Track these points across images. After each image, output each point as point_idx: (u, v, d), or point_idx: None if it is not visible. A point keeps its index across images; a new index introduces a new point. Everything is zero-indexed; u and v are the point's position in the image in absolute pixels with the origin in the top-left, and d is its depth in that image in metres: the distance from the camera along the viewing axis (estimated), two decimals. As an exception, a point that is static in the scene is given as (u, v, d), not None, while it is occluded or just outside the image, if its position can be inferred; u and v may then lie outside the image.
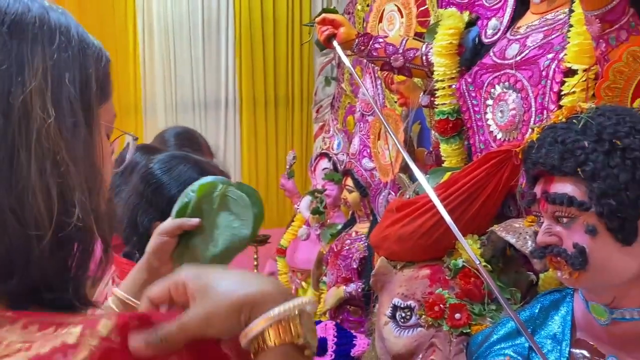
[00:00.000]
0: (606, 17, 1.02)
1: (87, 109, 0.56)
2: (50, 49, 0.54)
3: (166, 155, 1.28)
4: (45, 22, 0.56)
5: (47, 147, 0.50)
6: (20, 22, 0.54)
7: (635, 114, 0.88)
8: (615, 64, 1.00)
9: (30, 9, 0.55)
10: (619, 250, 0.85)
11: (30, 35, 0.54)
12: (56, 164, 0.51)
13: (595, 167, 0.84)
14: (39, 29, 0.55)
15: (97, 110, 0.58)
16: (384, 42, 1.72)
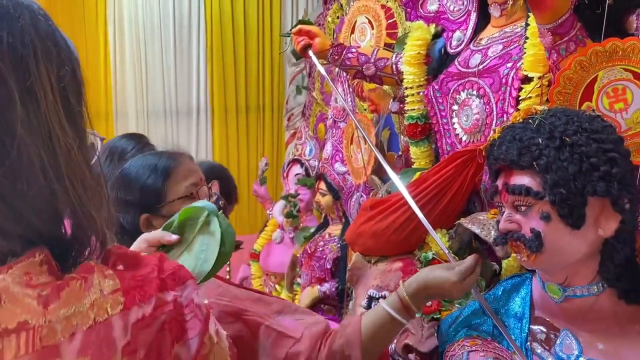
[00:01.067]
0: (557, 31, 1.15)
1: (84, 124, 0.61)
2: (52, 66, 0.57)
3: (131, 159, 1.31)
4: (39, 33, 0.57)
5: (69, 162, 0.57)
6: (21, 35, 0.55)
7: (582, 114, 1.00)
8: (565, 72, 1.13)
9: (23, 16, 0.56)
10: (570, 234, 0.96)
11: (32, 48, 0.55)
12: (75, 177, 0.57)
13: (548, 161, 0.96)
14: (37, 40, 0.56)
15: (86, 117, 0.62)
16: (357, 52, 1.83)
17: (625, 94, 1.11)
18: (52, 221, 0.57)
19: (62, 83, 0.57)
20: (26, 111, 0.53)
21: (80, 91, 0.61)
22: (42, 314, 0.50)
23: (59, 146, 0.55)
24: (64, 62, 0.58)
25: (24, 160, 0.53)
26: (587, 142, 0.95)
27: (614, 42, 1.09)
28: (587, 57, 1.11)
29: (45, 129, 0.54)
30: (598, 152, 0.94)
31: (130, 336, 0.53)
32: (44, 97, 0.54)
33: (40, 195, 0.55)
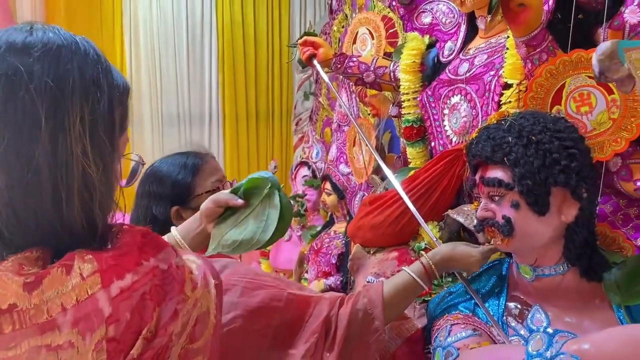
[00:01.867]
0: (530, 43, 1.30)
1: (112, 149, 0.68)
2: (87, 103, 0.63)
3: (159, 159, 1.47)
4: (83, 77, 0.64)
5: (85, 184, 0.63)
6: (64, 79, 0.61)
7: (547, 116, 1.15)
8: (537, 79, 1.28)
9: (72, 62, 0.63)
10: (536, 220, 1.11)
11: (71, 90, 0.62)
12: (90, 196, 0.64)
13: (517, 157, 1.10)
14: (79, 83, 0.63)
15: (118, 143, 0.69)
16: (358, 60, 1.99)
17: (590, 98, 1.25)
18: (55, 234, 0.63)
19: (93, 117, 0.63)
20: (51, 139, 0.60)
21: (114, 120, 0.67)
22: (28, 299, 0.57)
23: (77, 170, 0.62)
24: (101, 101, 0.64)
25: (39, 180, 0.60)
26: (550, 140, 1.10)
27: (579, 53, 1.24)
28: (556, 66, 1.26)
29: (65, 156, 0.61)
30: (560, 148, 1.09)
31: (111, 308, 0.58)
32: (72, 129, 0.61)
33: (47, 213, 0.62)
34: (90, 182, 0.63)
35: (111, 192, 0.68)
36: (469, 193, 1.51)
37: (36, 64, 0.60)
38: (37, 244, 0.62)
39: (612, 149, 1.25)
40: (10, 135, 0.59)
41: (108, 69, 0.67)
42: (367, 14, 2.22)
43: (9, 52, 0.60)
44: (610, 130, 1.25)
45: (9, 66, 0.59)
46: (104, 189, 0.66)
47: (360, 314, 1.14)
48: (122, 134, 0.70)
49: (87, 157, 0.62)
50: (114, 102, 0.67)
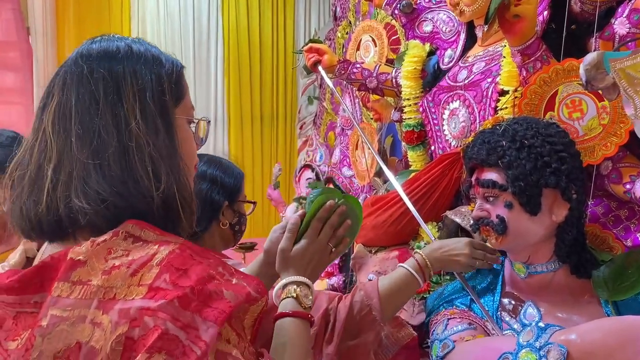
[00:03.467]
0: (525, 52, 1.37)
1: (164, 115, 0.79)
2: (135, 79, 0.77)
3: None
4: (131, 57, 0.79)
5: (142, 147, 0.75)
6: (113, 69, 0.76)
7: (540, 122, 1.22)
8: (531, 86, 1.34)
9: (119, 48, 0.80)
10: (529, 220, 1.18)
11: (122, 70, 0.77)
12: (150, 156, 0.75)
13: (510, 160, 1.17)
14: (127, 63, 0.78)
15: (173, 111, 0.80)
16: (361, 67, 2.06)
17: (581, 105, 1.32)
18: (128, 193, 0.73)
19: (143, 93, 0.77)
20: (110, 112, 0.74)
21: (163, 92, 0.78)
22: (98, 280, 0.67)
23: (132, 137, 0.74)
24: (148, 80, 0.77)
25: (102, 146, 0.73)
26: (542, 144, 1.16)
27: (571, 62, 1.31)
28: (549, 74, 1.33)
29: (122, 125, 0.74)
30: (551, 152, 1.16)
31: (135, 315, 0.64)
32: (125, 103, 0.75)
33: (114, 172, 0.73)
34: (144, 147, 0.74)
35: (175, 160, 0.78)
36: (466, 194, 1.57)
37: (95, 64, 0.76)
38: (122, 216, 0.71)
39: (602, 153, 1.32)
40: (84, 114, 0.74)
41: (157, 58, 0.80)
42: (370, 22, 2.29)
43: (79, 57, 0.78)
44: (600, 135, 1.31)
45: (77, 67, 0.77)
46: (165, 155, 0.76)
47: (358, 305, 1.16)
48: (177, 105, 0.81)
49: (139, 126, 0.74)
50: (162, 78, 0.78)
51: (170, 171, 0.76)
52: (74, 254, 0.69)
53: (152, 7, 4.65)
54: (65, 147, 0.73)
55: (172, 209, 0.76)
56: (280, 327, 0.90)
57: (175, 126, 0.80)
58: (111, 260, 0.68)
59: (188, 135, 0.84)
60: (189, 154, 0.83)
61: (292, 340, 0.88)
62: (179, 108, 0.82)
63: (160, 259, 0.67)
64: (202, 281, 0.66)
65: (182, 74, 0.84)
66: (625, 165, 1.36)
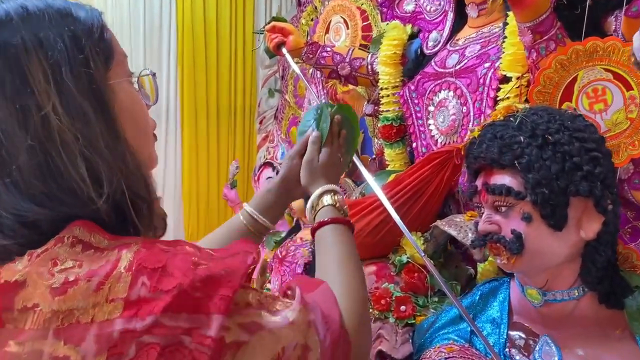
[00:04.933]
0: (537, 29, 1.13)
1: (93, 91, 0.61)
2: (42, 51, 0.59)
3: None
4: (29, 20, 0.60)
5: (69, 144, 0.58)
6: (7, 44, 0.58)
7: (564, 113, 0.98)
8: (546, 71, 1.10)
9: (9, 12, 0.60)
10: (551, 235, 0.93)
11: (21, 42, 0.58)
12: (81, 154, 0.58)
13: (530, 160, 0.92)
14: (25, 30, 0.59)
15: (104, 80, 0.63)
16: (332, 50, 1.79)
17: (605, 94, 1.09)
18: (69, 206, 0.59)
19: (57, 68, 0.59)
20: (13, 106, 0.57)
21: (87, 61, 0.61)
22: (50, 303, 0.53)
23: (51, 134, 0.57)
24: (60, 49, 0.59)
25: (8, 156, 0.57)
26: (569, 140, 0.92)
27: (594, 42, 1.08)
28: (568, 56, 1.09)
29: (34, 120, 0.57)
30: (581, 151, 0.91)
31: (117, 340, 0.53)
32: (35, 89, 0.58)
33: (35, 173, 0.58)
34: (80, 143, 0.59)
35: (119, 147, 0.62)
36: (466, 202, 1.33)
37: None
38: (62, 220, 0.58)
39: (628, 153, 1.09)
40: None
41: (66, 11, 0.62)
42: (341, 0, 2.02)
43: None
44: (627, 131, 1.09)
45: None
46: (103, 146, 0.60)
47: None
48: (108, 67, 0.64)
49: (57, 112, 0.58)
50: (79, 40, 0.61)
51: (114, 166, 0.61)
52: (7, 274, 0.55)
53: (98, -11, 4.26)
54: None
55: (125, 213, 0.62)
56: (321, 237, 0.87)
57: (111, 100, 0.63)
58: (60, 275, 0.54)
59: (132, 99, 0.67)
60: (139, 125, 0.67)
61: (335, 246, 0.85)
62: (111, 71, 0.64)
63: (128, 263, 0.56)
64: (189, 273, 0.56)
65: (104, 23, 0.66)
66: (651, 168, 1.14)
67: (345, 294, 0.74)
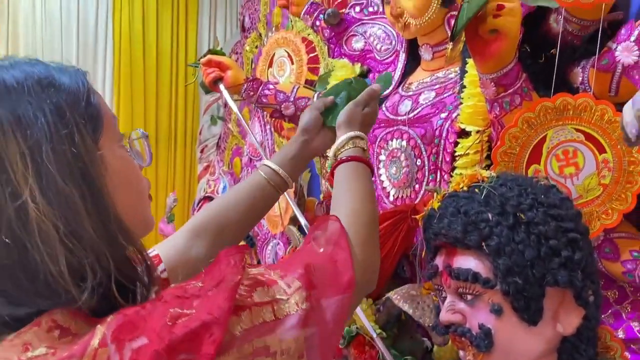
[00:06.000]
0: (501, 81, 1.01)
1: (79, 168, 0.55)
2: (21, 130, 0.53)
3: None
4: (6, 93, 0.55)
5: (49, 235, 0.52)
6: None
7: (535, 184, 0.85)
8: (511, 130, 0.98)
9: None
10: (525, 330, 0.80)
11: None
12: (63, 245, 0.53)
13: (500, 242, 0.79)
14: (4, 121, 0.54)
15: (93, 149, 0.58)
16: (275, 88, 1.63)
17: (576, 157, 0.98)
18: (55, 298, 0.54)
19: (38, 149, 0.54)
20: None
21: (72, 137, 0.56)
22: None
23: (28, 225, 0.52)
24: (41, 125, 0.54)
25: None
26: (544, 219, 0.79)
27: (564, 98, 0.97)
28: (536, 113, 0.97)
29: (8, 210, 0.52)
30: (558, 232, 0.79)
31: None
32: (12, 173, 0.53)
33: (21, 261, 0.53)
34: (61, 231, 0.53)
35: (107, 230, 0.57)
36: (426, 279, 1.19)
37: None
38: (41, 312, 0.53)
39: (601, 222, 0.98)
40: None
41: (48, 79, 0.58)
42: (285, 33, 1.87)
43: None
44: (600, 198, 0.98)
45: None
46: (90, 229, 0.55)
47: None
48: (99, 136, 0.60)
49: (39, 199, 0.53)
50: (63, 112, 0.56)
51: (100, 253, 0.55)
52: None
53: (27, 5, 3.93)
54: None
55: (112, 299, 0.56)
56: (338, 173, 0.93)
57: (99, 174, 0.58)
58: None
59: (124, 163, 0.63)
60: (132, 189, 0.64)
61: (350, 180, 0.89)
62: (101, 139, 0.60)
63: (101, 337, 0.50)
64: (164, 334, 0.50)
65: (90, 86, 0.61)
66: (622, 236, 1.04)
67: (353, 222, 0.79)
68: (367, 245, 0.80)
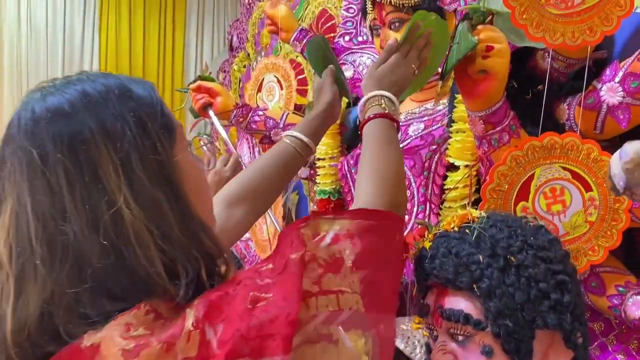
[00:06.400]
0: (490, 119, 1.03)
1: (164, 175, 0.60)
2: (112, 143, 0.57)
3: None
4: (92, 106, 0.58)
5: (145, 241, 0.57)
6: (75, 140, 0.57)
7: (525, 225, 0.86)
8: (500, 167, 1.00)
9: (72, 99, 0.58)
10: (514, 372, 0.80)
11: (89, 134, 0.57)
12: (158, 248, 0.58)
13: (491, 285, 0.80)
14: (90, 118, 0.58)
15: (171, 156, 0.62)
16: (264, 115, 1.64)
17: (563, 195, 1.00)
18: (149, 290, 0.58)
19: (127, 159, 0.58)
20: (83, 207, 0.56)
21: (154, 147, 0.60)
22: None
23: (125, 231, 0.57)
24: (129, 136, 0.58)
25: (82, 261, 0.56)
26: (534, 262, 0.80)
27: (552, 137, 0.99)
28: (524, 152, 0.99)
29: (105, 219, 0.56)
30: (547, 275, 0.80)
31: None
32: (107, 184, 0.57)
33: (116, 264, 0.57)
34: (154, 234, 0.58)
35: (193, 230, 0.62)
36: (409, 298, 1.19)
37: (48, 143, 0.57)
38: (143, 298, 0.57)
39: (588, 259, 1.00)
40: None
41: (126, 92, 0.61)
42: (274, 59, 1.89)
43: (23, 135, 0.58)
44: (586, 235, 1.00)
45: (24, 153, 0.57)
46: (178, 228, 0.60)
47: None
48: (174, 144, 0.63)
49: (128, 202, 0.57)
50: (144, 122, 0.60)
51: (189, 252, 0.61)
52: (88, 339, 0.54)
53: (11, 18, 3.90)
54: (26, 278, 0.57)
55: (200, 291, 0.59)
56: (365, 133, 0.93)
57: (179, 179, 0.63)
58: (131, 340, 0.53)
59: (194, 168, 0.67)
60: (202, 192, 0.68)
61: (375, 136, 0.91)
62: (176, 146, 0.64)
63: (194, 319, 0.55)
64: (245, 316, 0.55)
65: (159, 96, 0.65)
66: (607, 270, 1.06)
67: (380, 184, 0.83)
68: (394, 188, 0.85)
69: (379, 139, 0.91)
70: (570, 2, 0.95)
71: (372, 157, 0.89)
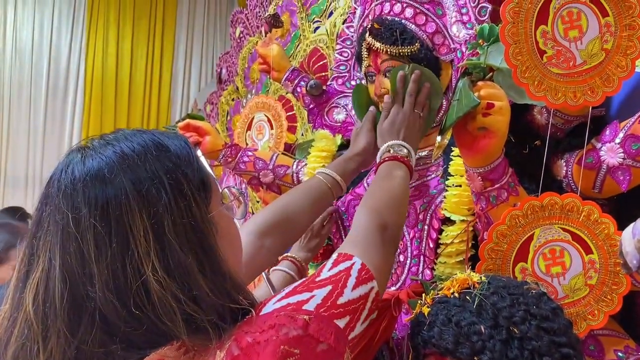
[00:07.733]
0: (488, 176, 1.00)
1: (198, 238, 0.59)
2: (146, 207, 0.57)
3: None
4: (128, 166, 0.58)
5: (168, 305, 0.56)
6: (110, 205, 0.57)
7: (526, 293, 0.83)
8: (499, 227, 0.97)
9: (111, 162, 0.58)
10: None
11: (126, 211, 0.57)
12: (181, 311, 0.57)
13: (493, 357, 0.76)
14: (125, 180, 0.58)
15: (206, 214, 0.61)
16: (254, 155, 1.61)
17: (563, 256, 0.97)
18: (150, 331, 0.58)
19: (159, 224, 0.57)
20: (111, 272, 0.56)
21: (189, 208, 0.60)
22: None
23: (151, 297, 0.57)
24: (164, 200, 0.58)
25: (109, 326, 0.57)
26: (537, 334, 0.77)
27: (551, 197, 0.96)
28: (523, 212, 0.97)
29: (131, 286, 0.56)
30: (551, 347, 0.77)
31: None
32: (136, 249, 0.56)
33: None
34: (182, 297, 0.58)
35: (220, 272, 0.61)
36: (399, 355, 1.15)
37: (83, 207, 0.57)
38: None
39: (587, 323, 0.97)
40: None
41: (162, 150, 0.61)
42: (265, 98, 1.86)
43: (62, 197, 0.59)
44: (586, 299, 0.97)
45: (60, 215, 0.58)
46: (206, 289, 0.59)
47: None
48: (209, 202, 0.63)
49: (160, 273, 0.57)
50: (180, 181, 0.60)
51: (219, 312, 0.60)
52: None
53: (-5, 43, 3.87)
54: (52, 336, 0.57)
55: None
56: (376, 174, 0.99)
57: (213, 237, 0.62)
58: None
59: (228, 221, 0.67)
60: (235, 245, 0.68)
61: (377, 176, 0.98)
62: (211, 203, 0.64)
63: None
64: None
65: (194, 151, 0.65)
66: (607, 333, 1.03)
67: (370, 205, 0.90)
68: (385, 209, 0.89)
69: (378, 176, 0.98)
70: (572, 62, 0.94)
71: (369, 188, 0.97)
